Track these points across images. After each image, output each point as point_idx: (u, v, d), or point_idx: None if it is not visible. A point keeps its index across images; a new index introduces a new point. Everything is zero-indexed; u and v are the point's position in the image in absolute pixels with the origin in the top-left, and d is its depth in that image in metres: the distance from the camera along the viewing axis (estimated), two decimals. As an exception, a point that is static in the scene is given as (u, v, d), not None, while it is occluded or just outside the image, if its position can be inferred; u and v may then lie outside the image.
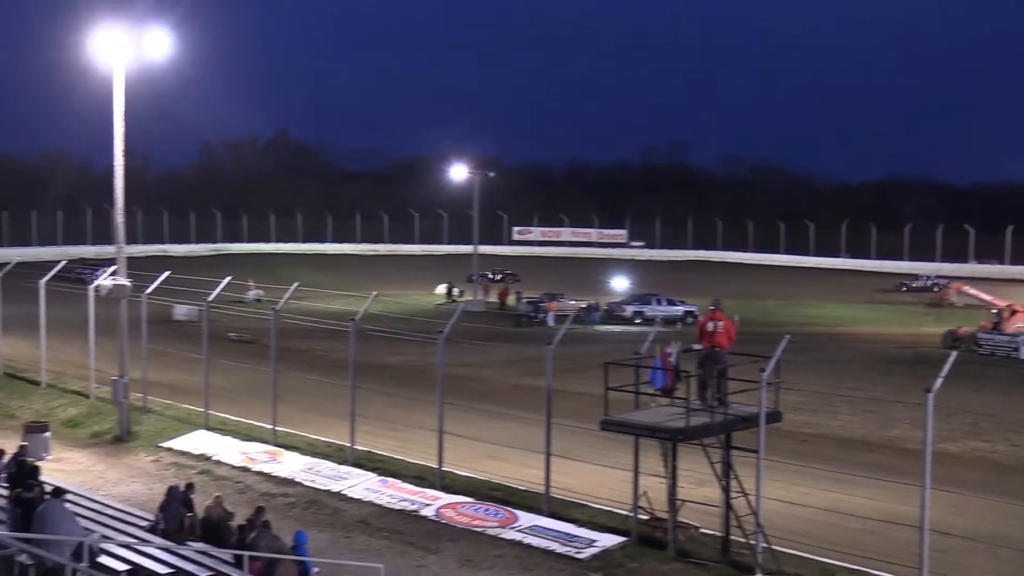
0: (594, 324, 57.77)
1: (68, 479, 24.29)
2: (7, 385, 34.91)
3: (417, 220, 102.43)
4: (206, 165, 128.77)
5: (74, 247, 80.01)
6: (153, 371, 32.65)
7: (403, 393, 30.21)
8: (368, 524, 22.81)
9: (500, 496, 23.87)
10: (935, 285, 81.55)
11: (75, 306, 34.32)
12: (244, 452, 27.69)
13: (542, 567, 20.39)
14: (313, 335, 39.63)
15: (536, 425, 23.93)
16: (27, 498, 18.95)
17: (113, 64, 29.40)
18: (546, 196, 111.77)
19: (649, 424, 20.29)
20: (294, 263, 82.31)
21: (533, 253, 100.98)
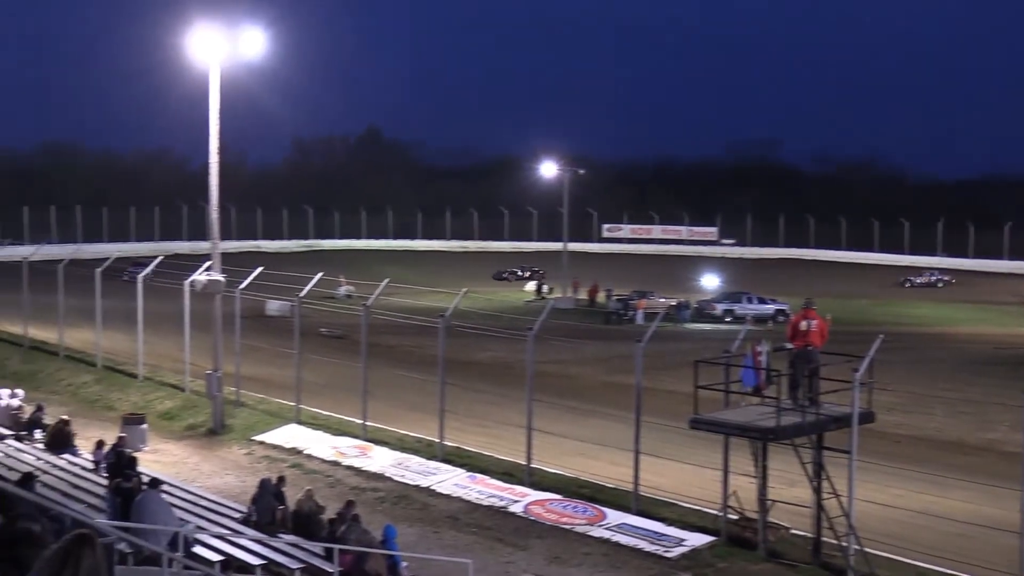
0: (684, 322, 57.41)
1: (164, 470, 24.74)
2: (106, 378, 35.61)
3: (507, 217, 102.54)
4: (299, 162, 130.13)
5: (170, 243, 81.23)
6: (246, 365, 33.10)
7: (492, 389, 30.29)
8: (457, 520, 22.91)
9: (588, 493, 23.83)
10: (939, 280, 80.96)
11: (171, 301, 34.91)
12: (335, 446, 27.97)
13: (630, 565, 20.33)
14: (403, 331, 39.90)
15: (625, 423, 23.85)
16: (126, 488, 19.34)
17: (209, 63, 29.87)
18: (636, 193, 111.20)
19: (739, 423, 20.13)
20: (385, 259, 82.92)
21: (623, 251, 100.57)
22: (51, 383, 35.63)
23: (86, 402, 33.51)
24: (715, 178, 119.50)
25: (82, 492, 21.26)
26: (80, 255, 47.94)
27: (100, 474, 22.71)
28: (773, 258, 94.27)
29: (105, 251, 53.62)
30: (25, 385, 32.60)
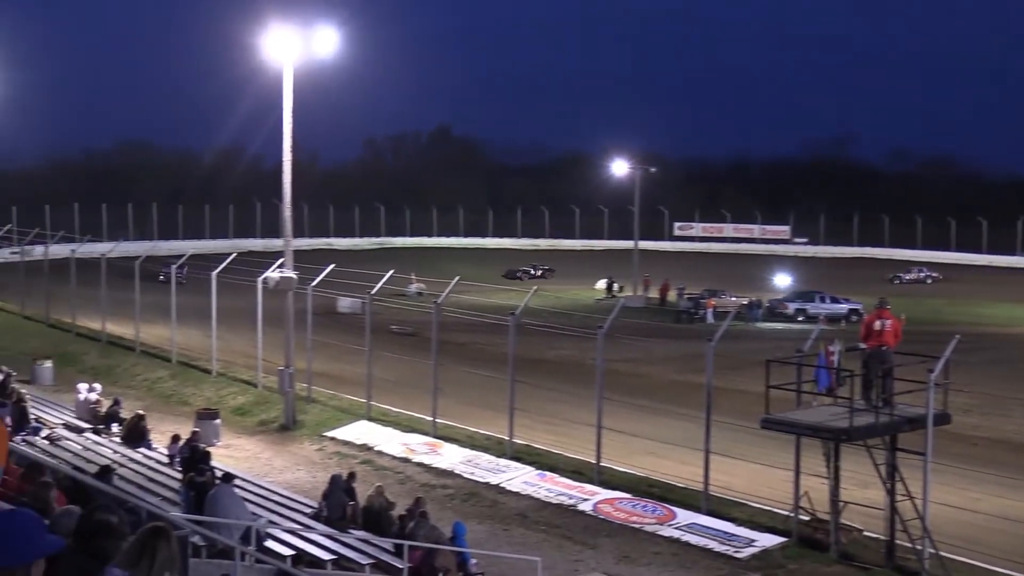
0: (755, 321, 56.96)
1: (237, 465, 25.03)
2: (181, 373, 36.10)
3: (578, 215, 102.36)
4: (370, 160, 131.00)
5: (244, 240, 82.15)
6: (318, 362, 33.37)
7: (561, 388, 30.26)
8: (526, 517, 22.93)
9: (658, 493, 23.74)
10: (928, 277, 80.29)
11: (244, 297, 35.30)
12: (405, 443, 28.11)
13: (700, 565, 20.22)
14: (473, 329, 40.00)
15: (695, 422, 23.73)
16: (199, 482, 19.59)
17: (283, 62, 30.15)
18: (708, 191, 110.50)
19: (811, 423, 19.94)
20: (455, 257, 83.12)
21: (694, 249, 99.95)
22: (128, 378, 36.19)
23: (161, 397, 34.00)
24: (788, 176, 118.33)
25: (157, 485, 21.58)
26: (156, 252, 48.77)
27: (175, 468, 23.02)
28: (847, 257, 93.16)
29: (180, 248, 54.39)
30: (103, 380, 33.16)
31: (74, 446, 24.55)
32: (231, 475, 20.22)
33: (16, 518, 4.42)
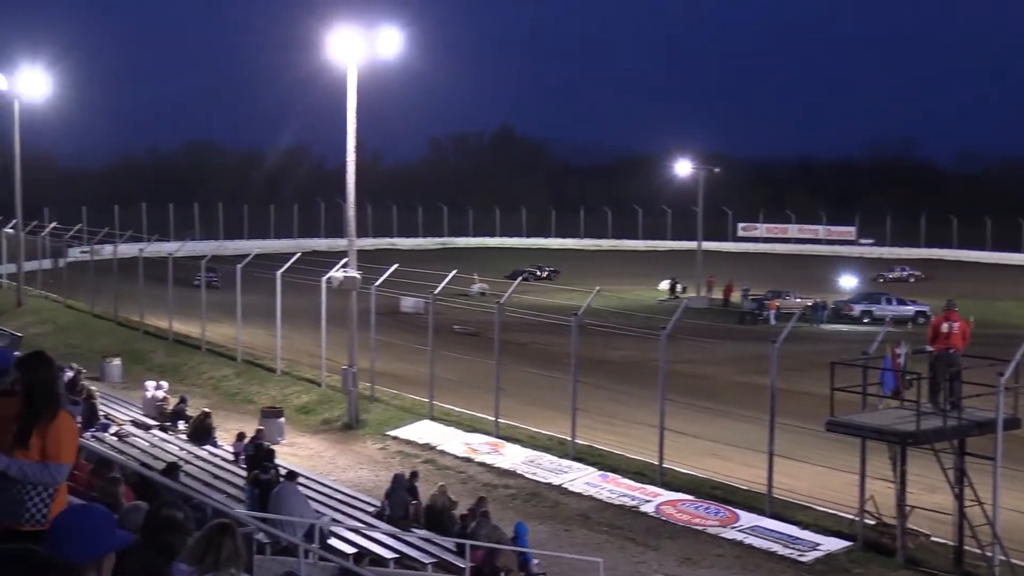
0: (820, 323, 56.40)
1: (300, 463, 25.22)
2: (246, 372, 36.43)
3: (641, 216, 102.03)
4: (434, 160, 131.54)
5: (308, 240, 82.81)
6: (380, 361, 33.53)
7: (624, 388, 30.15)
8: (588, 518, 22.88)
9: (721, 495, 23.60)
10: (910, 276, 79.26)
11: (308, 297, 35.55)
12: (467, 443, 28.16)
13: (763, 568, 20.07)
14: (536, 329, 39.97)
15: (759, 424, 23.55)
16: (264, 480, 19.77)
17: (347, 62, 30.34)
18: (772, 192, 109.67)
19: (877, 426, 19.73)
20: (518, 257, 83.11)
21: (758, 250, 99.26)
22: (194, 376, 36.60)
23: (226, 395, 34.34)
24: (854, 177, 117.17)
25: (222, 482, 21.79)
26: (222, 251, 49.25)
27: (239, 465, 23.23)
28: (913, 258, 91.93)
29: (245, 248, 54.87)
30: (169, 377, 33.57)
31: (141, 443, 24.86)
32: (295, 473, 20.38)
33: (88, 513, 4.48)
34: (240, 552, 6.09)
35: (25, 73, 51.37)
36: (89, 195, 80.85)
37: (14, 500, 6.61)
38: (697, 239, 70.04)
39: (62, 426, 6.70)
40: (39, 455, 6.55)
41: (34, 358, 6.97)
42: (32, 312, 48.65)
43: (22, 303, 50.27)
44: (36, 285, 53.10)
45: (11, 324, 38.22)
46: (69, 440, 6.77)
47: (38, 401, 6.72)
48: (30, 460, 6.54)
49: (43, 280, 53.77)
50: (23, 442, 6.57)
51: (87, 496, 11.52)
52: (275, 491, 18.67)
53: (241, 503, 19.42)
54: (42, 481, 6.53)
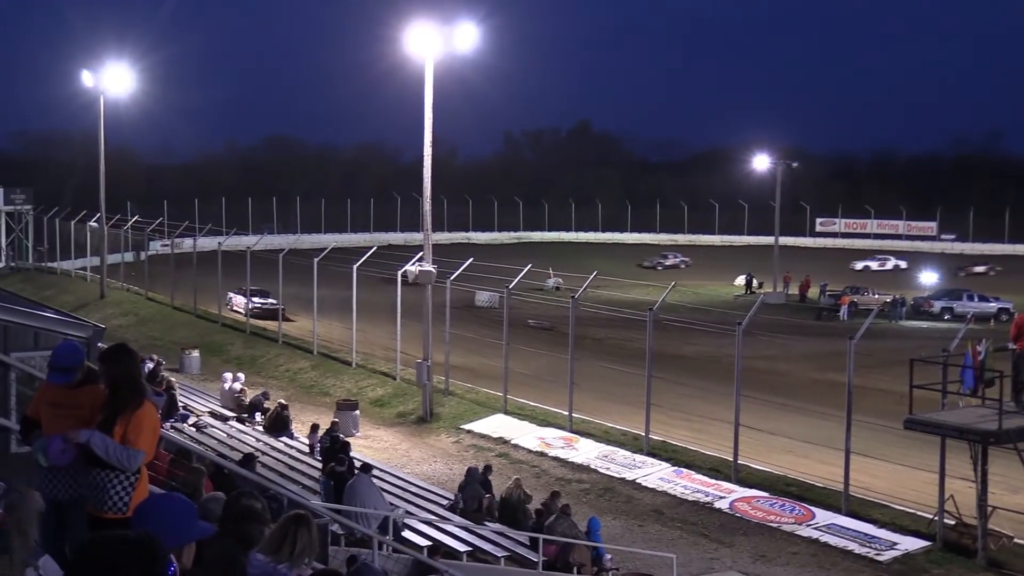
0: (899, 319, 55.64)
1: (375, 456, 25.43)
2: (321, 364, 36.77)
3: (717, 210, 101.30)
4: (510, 154, 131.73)
5: (384, 234, 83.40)
6: (455, 355, 33.66)
7: (698, 384, 30.00)
8: (661, 514, 22.81)
9: (796, 492, 23.40)
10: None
11: (384, 291, 35.79)
12: (540, 437, 28.19)
13: (839, 567, 19.86)
14: (610, 324, 39.91)
15: (835, 421, 23.31)
16: (339, 472, 19.95)
17: (424, 58, 30.49)
18: (851, 187, 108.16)
19: (957, 425, 19.44)
20: (593, 252, 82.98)
21: (836, 245, 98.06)
22: (270, 368, 37.02)
23: (303, 387, 34.70)
24: (935, 171, 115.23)
25: (298, 474, 22.06)
26: (299, 245, 49.67)
27: (315, 457, 23.49)
28: (997, 254, 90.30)
29: (322, 241, 55.39)
30: (246, 369, 34.01)
31: (219, 434, 25.23)
32: (369, 465, 20.54)
33: (170, 502, 4.57)
34: (314, 543, 6.17)
35: (110, 70, 52.33)
36: (170, 189, 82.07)
37: (96, 487, 6.78)
38: (774, 234, 69.44)
39: (145, 416, 6.85)
40: (120, 441, 6.71)
41: (117, 351, 7.13)
42: (114, 304, 49.54)
43: (105, 295, 51.21)
44: (118, 278, 54.05)
45: (94, 316, 38.92)
46: (150, 430, 6.92)
47: (122, 392, 6.88)
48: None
49: (125, 273, 54.70)
50: (107, 429, 6.73)
51: (167, 486, 11.73)
52: (350, 483, 18.84)
53: (316, 494, 19.62)
54: (119, 461, 6.68)
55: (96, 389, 7.19)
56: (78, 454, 6.81)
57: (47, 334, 12.99)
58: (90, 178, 54.61)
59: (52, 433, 6.97)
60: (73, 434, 6.74)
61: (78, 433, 6.72)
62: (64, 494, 7.10)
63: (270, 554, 5.95)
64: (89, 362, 7.65)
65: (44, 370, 7.92)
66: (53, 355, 7.41)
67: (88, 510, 6.84)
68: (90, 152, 56.79)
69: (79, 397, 7.17)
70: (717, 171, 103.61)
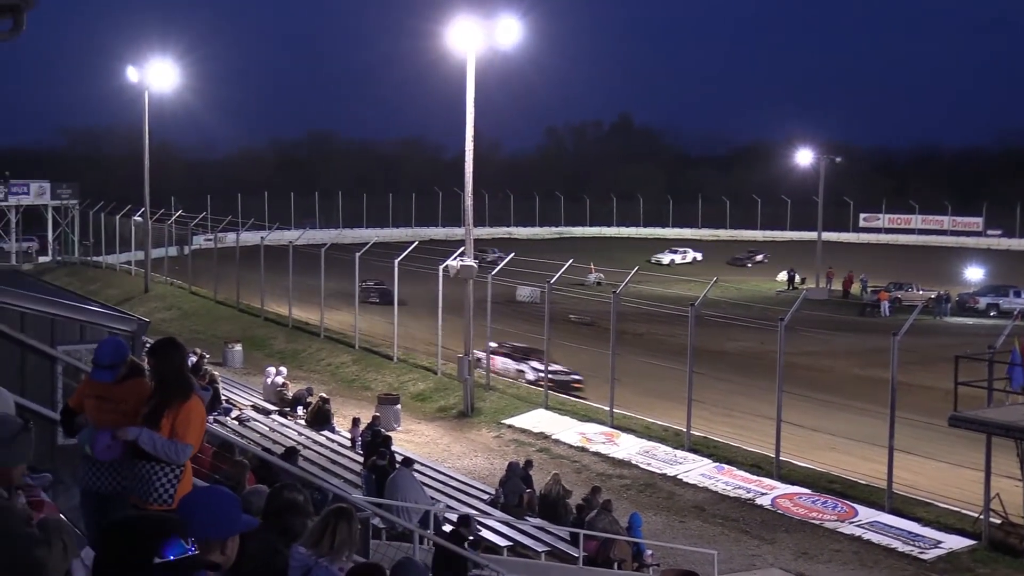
0: (943, 316, 55.17)
1: (416, 450, 25.49)
2: (363, 359, 36.89)
3: (759, 205, 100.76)
4: (551, 149, 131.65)
5: (426, 228, 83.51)
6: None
7: (740, 380, 29.87)
8: (703, 510, 22.74)
9: (839, 489, 23.25)
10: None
11: (424, 285, 35.87)
12: (581, 432, 28.17)
13: (882, 565, 19.72)
14: (652, 319, 39.82)
15: (878, 418, 23.13)
16: (380, 465, 20.01)
17: (466, 52, 30.51)
18: (896, 182, 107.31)
19: (1004, 422, 19.25)
20: (634, 247, 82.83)
21: (880, 241, 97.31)
22: (312, 362, 37.19)
23: (344, 381, 34.83)
24: (981, 166, 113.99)
25: (339, 468, 22.14)
26: (341, 240, 49.92)
27: (356, 451, 23.57)
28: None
29: (364, 236, 55.62)
30: (288, 363, 34.18)
31: (262, 427, 25.38)
32: (411, 460, 20.60)
33: (214, 495, 4.60)
34: (354, 537, 6.19)
35: (154, 65, 52.75)
36: (213, 184, 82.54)
37: (142, 479, 6.85)
38: (817, 230, 69.03)
39: (192, 410, 6.91)
40: (168, 435, 6.77)
41: (164, 345, 7.19)
42: (158, 298, 49.95)
43: (149, 289, 51.66)
44: (162, 272, 54.48)
45: (139, 309, 39.26)
46: (197, 424, 6.98)
47: (169, 385, 6.94)
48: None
49: (169, 267, 55.13)
50: (154, 423, 6.79)
51: (211, 479, 11.81)
52: (391, 477, 18.90)
53: (358, 488, 19.69)
54: (167, 455, 6.75)
55: (141, 383, 7.27)
56: (124, 449, 6.87)
57: (93, 327, 13.10)
58: (134, 173, 55.06)
59: (97, 426, 7.04)
60: (122, 432, 6.81)
61: (127, 431, 6.79)
62: (107, 487, 7.18)
63: (311, 547, 5.98)
64: (134, 356, 7.72)
65: (89, 363, 8.00)
66: (97, 352, 7.48)
67: (133, 501, 6.91)
68: (134, 147, 57.28)
69: (124, 391, 7.23)
70: (759, 166, 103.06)
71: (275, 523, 6.06)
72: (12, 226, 66.08)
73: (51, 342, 12.56)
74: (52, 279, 42.64)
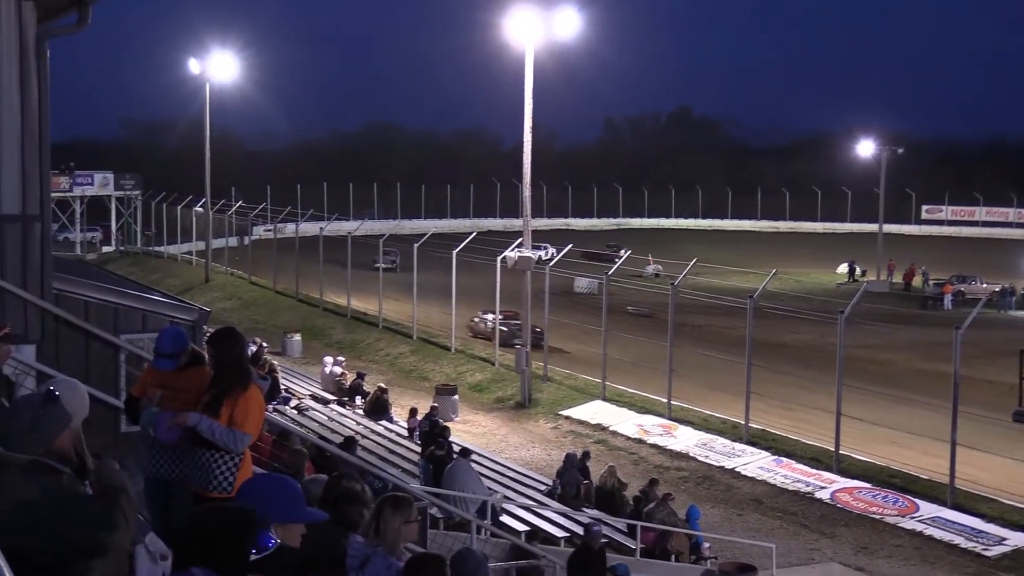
0: (1008, 309, 54.30)
1: (474, 440, 25.55)
2: (420, 349, 37.02)
3: (819, 197, 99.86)
4: (609, 140, 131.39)
5: (484, 219, 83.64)
6: (553, 341, 33.64)
7: (799, 372, 29.63)
8: (761, 503, 22.61)
9: (900, 483, 23.00)
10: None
11: (483, 276, 35.91)
12: (639, 424, 28.10)
13: (944, 561, 19.48)
14: (710, 311, 39.60)
15: (940, 412, 22.84)
16: (438, 456, 20.07)
17: (525, 43, 30.48)
18: (959, 173, 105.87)
19: (1069, 418, 18.95)
20: (693, 239, 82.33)
21: (943, 233, 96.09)
22: (370, 352, 37.38)
23: (402, 372, 34.98)
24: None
25: (397, 457, 22.25)
26: (399, 230, 50.10)
27: (414, 441, 23.68)
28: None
29: (422, 227, 55.82)
30: (347, 353, 34.41)
31: (320, 416, 25.56)
32: (468, 450, 20.65)
33: (273, 482, 4.63)
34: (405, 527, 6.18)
35: (216, 57, 53.24)
36: (273, 175, 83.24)
37: (202, 467, 6.92)
38: (878, 221, 68.28)
39: (251, 399, 6.97)
40: (227, 424, 6.83)
41: (224, 334, 7.26)
42: (219, 288, 50.45)
43: (210, 279, 52.18)
44: (223, 262, 55.00)
45: (199, 299, 39.67)
46: (256, 413, 7.04)
47: (228, 375, 7.00)
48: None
49: (229, 257, 55.65)
50: (213, 411, 6.86)
51: (270, 467, 11.90)
52: (449, 467, 18.96)
53: (415, 478, 19.78)
54: (225, 444, 6.81)
55: (202, 371, 7.34)
56: (184, 433, 6.95)
57: (155, 316, 13.26)
58: (195, 164, 55.62)
59: (162, 412, 7.13)
60: (182, 417, 6.88)
61: (187, 416, 6.86)
62: (170, 473, 7.27)
63: (367, 536, 6.00)
64: (194, 345, 7.81)
65: (151, 352, 8.09)
66: (158, 342, 7.57)
67: (193, 489, 6.98)
68: (195, 139, 57.87)
69: (185, 380, 7.31)
70: (820, 157, 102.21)
71: (333, 512, 6.08)
72: (77, 216, 67.06)
73: (114, 331, 12.73)
74: (115, 269, 43.17)
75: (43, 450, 4.32)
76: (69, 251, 59.92)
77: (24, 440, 4.24)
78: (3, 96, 11.65)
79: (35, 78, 11.90)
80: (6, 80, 11.66)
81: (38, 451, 4.27)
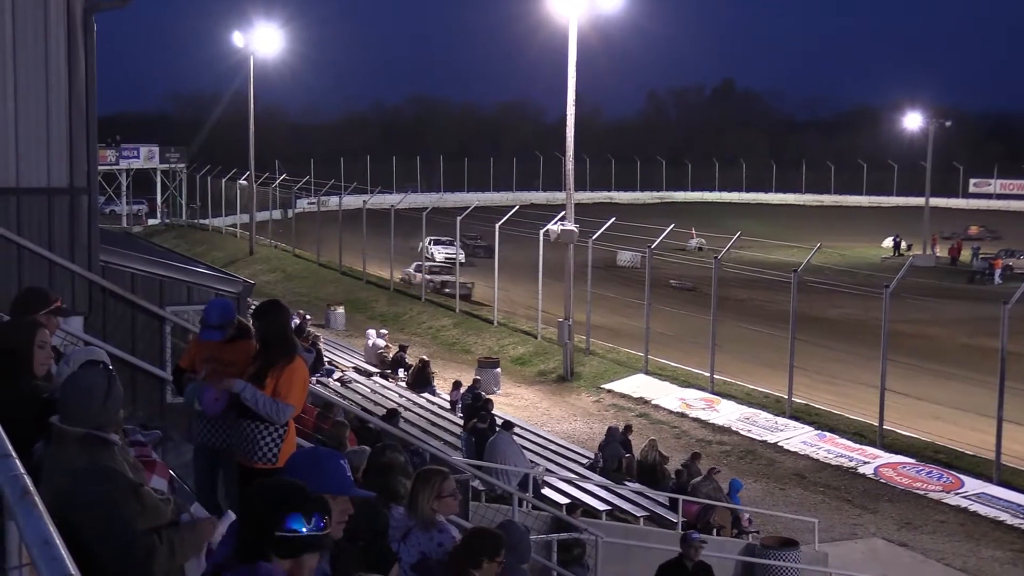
0: (1057, 284, 53.67)
1: (516, 413, 25.60)
2: (463, 322, 37.10)
3: (865, 171, 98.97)
4: (653, 113, 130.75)
5: (527, 193, 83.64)
6: (596, 315, 33.60)
7: (843, 347, 29.44)
8: (804, 478, 22.53)
9: (944, 459, 22.84)
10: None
11: (526, 249, 35.90)
12: (681, 398, 28.05)
13: (989, 537, 19.34)
14: (753, 285, 39.42)
15: (987, 388, 22.62)
16: (480, 428, 20.15)
17: (568, 16, 30.34)
18: (1008, 147, 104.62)
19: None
20: (736, 212, 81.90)
21: (991, 207, 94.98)
22: (413, 325, 37.51)
23: (445, 345, 35.09)
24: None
25: (440, 430, 22.35)
26: (442, 204, 50.15)
27: (456, 414, 23.76)
28: None
29: (465, 200, 55.76)
30: (390, 326, 34.56)
31: (363, 389, 25.70)
32: (510, 423, 20.70)
33: (319, 455, 4.66)
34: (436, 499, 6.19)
35: (260, 31, 53.41)
36: (317, 148, 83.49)
37: (247, 438, 6.99)
38: (925, 195, 67.63)
39: (295, 371, 7.03)
40: (271, 395, 6.90)
41: (269, 307, 7.31)
42: (263, 260, 50.76)
43: (254, 252, 52.53)
44: (266, 235, 55.34)
45: (243, 271, 39.94)
46: (300, 385, 7.09)
47: (273, 347, 7.06)
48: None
49: (273, 230, 55.97)
50: (258, 383, 6.92)
51: (313, 439, 12.00)
52: (491, 440, 19.02)
53: (458, 451, 19.86)
54: (268, 414, 6.88)
55: (248, 344, 7.40)
56: (229, 404, 7.02)
57: (199, 289, 13.37)
58: (240, 137, 55.89)
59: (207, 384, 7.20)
60: (228, 382, 6.95)
61: (233, 382, 6.93)
62: (219, 442, 7.38)
63: (408, 510, 6.04)
64: (240, 317, 7.88)
65: (196, 324, 8.17)
66: (205, 313, 7.64)
67: (239, 460, 7.06)
68: (240, 112, 58.13)
69: (231, 352, 7.38)
70: (865, 130, 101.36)
71: (376, 483, 6.13)
72: (123, 189, 67.64)
73: (160, 303, 12.86)
74: (160, 241, 43.50)
75: (113, 425, 4.40)
76: (115, 224, 60.49)
77: (96, 415, 4.30)
78: (51, 70, 11.76)
79: (82, 52, 12.00)
80: (53, 54, 11.77)
81: (109, 427, 4.34)
